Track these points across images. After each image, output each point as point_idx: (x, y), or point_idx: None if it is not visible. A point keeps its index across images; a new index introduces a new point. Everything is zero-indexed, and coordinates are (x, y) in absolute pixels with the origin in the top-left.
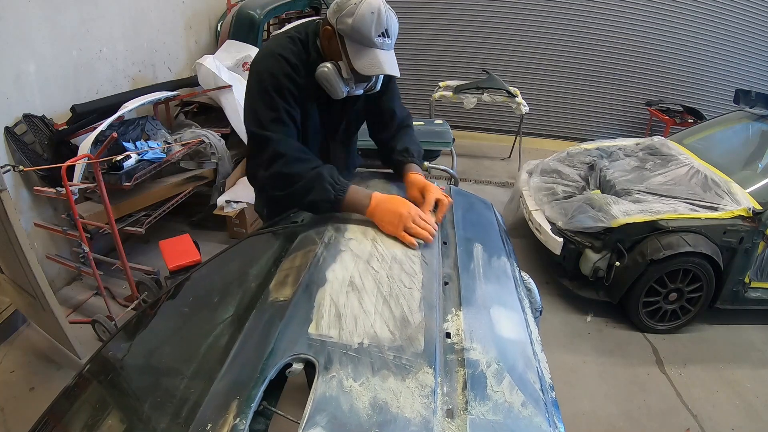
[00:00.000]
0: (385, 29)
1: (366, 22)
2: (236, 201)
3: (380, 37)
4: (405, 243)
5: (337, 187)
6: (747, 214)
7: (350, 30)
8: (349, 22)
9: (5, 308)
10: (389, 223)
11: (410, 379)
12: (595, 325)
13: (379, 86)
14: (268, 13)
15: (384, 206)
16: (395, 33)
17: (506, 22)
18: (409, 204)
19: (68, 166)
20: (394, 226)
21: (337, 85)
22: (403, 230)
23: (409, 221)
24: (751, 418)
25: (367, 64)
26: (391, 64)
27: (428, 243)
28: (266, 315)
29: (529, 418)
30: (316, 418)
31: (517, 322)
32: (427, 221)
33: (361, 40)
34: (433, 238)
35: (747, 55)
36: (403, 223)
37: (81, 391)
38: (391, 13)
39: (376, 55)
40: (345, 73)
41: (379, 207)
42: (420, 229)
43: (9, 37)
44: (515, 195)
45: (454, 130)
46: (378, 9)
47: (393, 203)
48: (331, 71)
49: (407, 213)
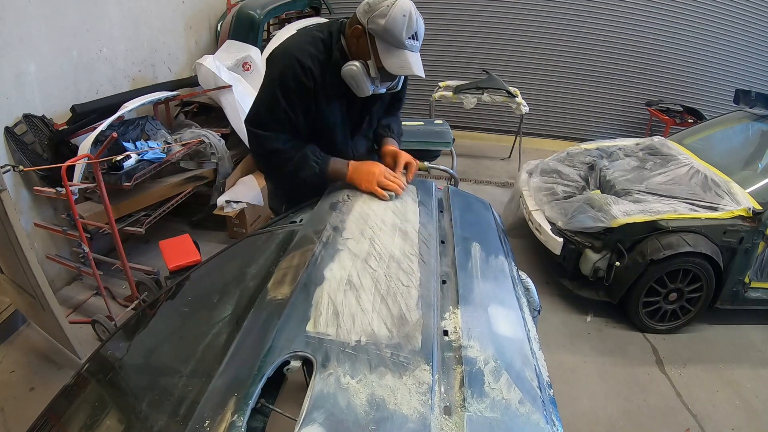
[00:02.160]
0: (415, 32)
1: (398, 23)
2: (236, 201)
3: (410, 39)
4: (378, 196)
5: (319, 160)
6: (747, 214)
7: (382, 30)
8: (382, 23)
9: (5, 308)
10: (365, 181)
11: (408, 377)
12: (595, 325)
13: (400, 85)
14: (268, 13)
15: (360, 168)
16: (422, 36)
17: (506, 23)
18: (380, 165)
19: (68, 166)
20: (369, 182)
21: (363, 83)
22: (377, 185)
23: (381, 177)
24: (751, 418)
25: (397, 64)
26: (418, 65)
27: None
28: (264, 313)
29: (527, 416)
30: (314, 415)
31: (514, 320)
32: (397, 177)
33: (392, 41)
34: (402, 190)
35: (747, 55)
36: (376, 179)
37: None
38: (420, 16)
39: (405, 56)
40: (372, 72)
41: (356, 170)
42: (390, 182)
43: (9, 37)
44: (515, 195)
45: (454, 130)
46: (410, 12)
47: (367, 165)
48: (359, 70)
49: (378, 171)
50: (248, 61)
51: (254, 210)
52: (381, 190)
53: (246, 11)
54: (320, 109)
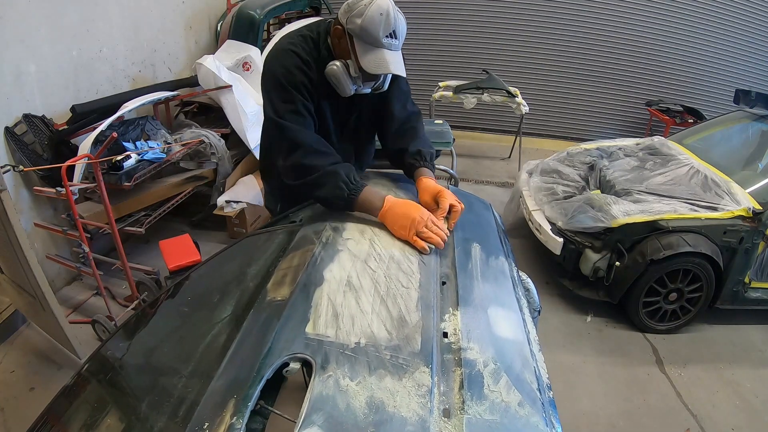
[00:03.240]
0: (393, 30)
1: (375, 22)
2: (236, 201)
3: (388, 38)
4: (417, 248)
5: (352, 186)
6: (747, 214)
7: (359, 30)
8: (359, 22)
9: (5, 308)
10: (401, 227)
11: (407, 379)
12: (595, 325)
13: (386, 86)
14: (268, 13)
15: (396, 210)
16: (403, 34)
17: (506, 23)
18: (421, 208)
19: (68, 166)
20: (406, 230)
21: (345, 82)
22: (415, 235)
23: (422, 226)
24: (751, 418)
25: (374, 63)
26: (396, 64)
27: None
28: (264, 314)
29: (526, 418)
30: (313, 417)
31: (514, 322)
32: (439, 227)
33: (369, 40)
34: (444, 244)
35: (747, 55)
36: (416, 228)
37: (80, 390)
38: (400, 15)
39: (383, 55)
40: (353, 72)
41: (391, 210)
42: (432, 234)
43: (9, 37)
44: (515, 195)
45: (454, 130)
46: (387, 10)
47: (406, 207)
48: (340, 69)
49: (419, 218)
50: (248, 61)
51: (254, 210)
52: (421, 241)
53: (246, 11)
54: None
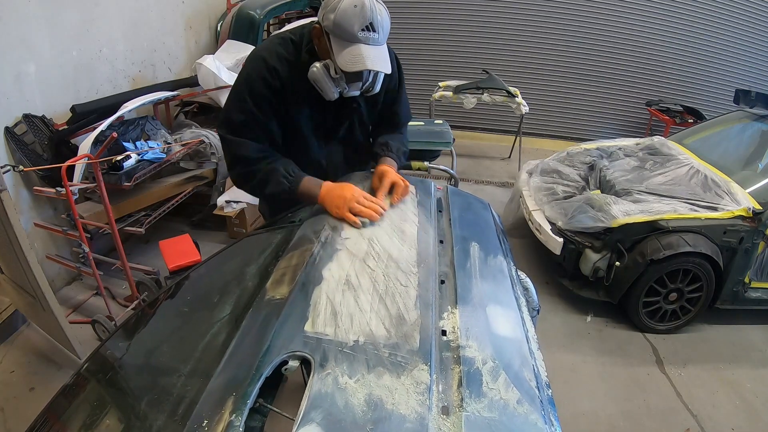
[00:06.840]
0: (369, 23)
1: (347, 15)
2: (236, 201)
3: (364, 31)
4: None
5: (291, 178)
6: (747, 214)
7: (333, 25)
8: (332, 17)
9: (5, 308)
10: (336, 207)
11: (405, 376)
12: (595, 325)
13: (377, 87)
14: (268, 13)
15: (332, 192)
16: (384, 27)
17: (506, 23)
18: (353, 188)
19: (68, 166)
20: (339, 209)
21: (327, 85)
22: (348, 211)
23: (353, 202)
24: (751, 418)
25: (349, 59)
26: (375, 59)
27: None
28: (263, 313)
29: (525, 416)
30: (312, 414)
31: (513, 320)
32: (375, 202)
33: (343, 35)
34: (379, 216)
35: (747, 55)
36: (347, 205)
37: (80, 390)
38: (379, 5)
39: (359, 50)
40: (333, 72)
41: (328, 194)
42: (364, 208)
43: (9, 37)
44: (515, 195)
45: (454, 130)
46: (362, 1)
47: (340, 189)
48: (320, 71)
49: (351, 195)
50: None
51: (254, 210)
52: (352, 216)
53: (246, 11)
54: (289, 113)
